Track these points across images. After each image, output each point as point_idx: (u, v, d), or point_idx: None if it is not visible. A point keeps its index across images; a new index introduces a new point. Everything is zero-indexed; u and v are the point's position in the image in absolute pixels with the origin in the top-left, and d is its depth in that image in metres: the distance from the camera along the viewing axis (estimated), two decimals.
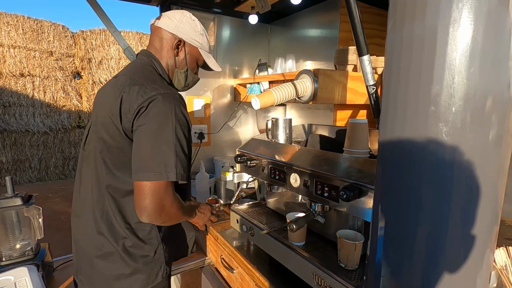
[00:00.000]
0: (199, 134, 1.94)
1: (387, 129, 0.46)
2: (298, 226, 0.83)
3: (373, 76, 0.50)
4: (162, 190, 0.83)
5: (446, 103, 0.40)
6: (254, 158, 1.17)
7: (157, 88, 0.87)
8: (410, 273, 0.48)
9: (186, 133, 0.90)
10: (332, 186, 0.83)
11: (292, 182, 0.98)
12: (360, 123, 0.94)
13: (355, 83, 1.45)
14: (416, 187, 0.44)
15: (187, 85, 1.11)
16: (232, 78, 2.06)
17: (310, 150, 1.00)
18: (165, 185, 0.83)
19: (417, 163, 0.44)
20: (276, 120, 1.26)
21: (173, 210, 0.88)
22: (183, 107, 0.91)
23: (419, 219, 0.45)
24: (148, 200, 0.82)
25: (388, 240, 0.50)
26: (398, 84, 0.44)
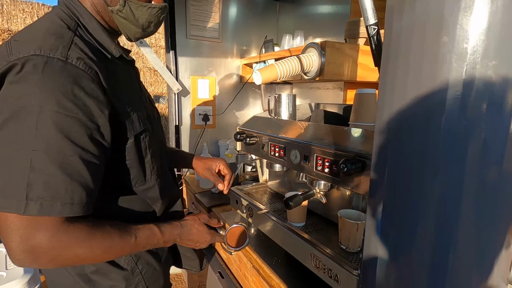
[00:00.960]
0: (203, 116, 1.89)
1: (388, 78, 0.38)
2: (295, 204, 0.76)
3: (374, 14, 0.42)
4: (19, 227, 0.49)
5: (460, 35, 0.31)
6: (254, 135, 1.10)
7: (26, 47, 0.51)
8: (412, 256, 0.41)
9: (75, 122, 0.51)
10: (333, 161, 0.75)
11: (292, 159, 0.91)
12: (368, 93, 0.85)
13: (367, 58, 1.34)
14: (423, 149, 0.37)
15: (143, 25, 0.67)
16: (239, 57, 1.98)
17: (312, 125, 0.92)
18: (22, 220, 0.49)
19: (424, 118, 0.36)
20: (278, 96, 1.18)
21: (62, 253, 0.53)
22: (78, 82, 0.52)
23: (425, 189, 0.38)
24: (5, 237, 0.49)
25: (387, 218, 0.43)
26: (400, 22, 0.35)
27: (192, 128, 1.88)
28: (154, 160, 0.72)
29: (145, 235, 0.65)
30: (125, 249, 0.62)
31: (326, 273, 0.74)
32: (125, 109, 0.63)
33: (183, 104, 1.83)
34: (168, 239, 0.71)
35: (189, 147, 1.90)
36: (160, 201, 0.76)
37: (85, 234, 0.55)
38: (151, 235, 0.67)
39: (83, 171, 0.53)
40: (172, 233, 0.72)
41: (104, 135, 0.57)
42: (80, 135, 0.52)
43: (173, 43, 1.72)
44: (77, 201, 0.52)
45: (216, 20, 1.84)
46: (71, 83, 0.51)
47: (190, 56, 1.80)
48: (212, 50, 1.88)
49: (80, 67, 0.53)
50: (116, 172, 0.65)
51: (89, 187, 0.54)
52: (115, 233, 0.59)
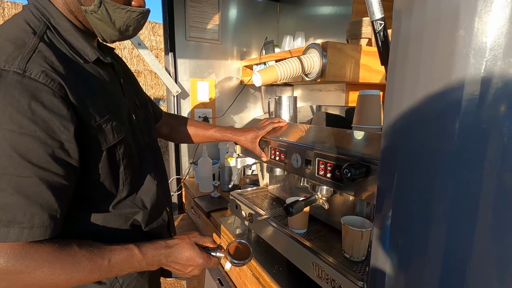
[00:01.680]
0: (203, 119, 1.86)
1: (396, 76, 0.35)
2: (296, 210, 0.73)
3: (380, 8, 0.39)
4: None
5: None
6: None
7: None
8: (424, 268, 0.37)
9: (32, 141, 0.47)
10: (336, 165, 0.72)
11: (293, 163, 0.87)
12: (371, 95, 0.82)
13: (370, 59, 1.31)
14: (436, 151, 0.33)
15: (120, 28, 0.62)
16: (239, 59, 1.96)
17: (313, 127, 0.89)
18: None
19: (437, 119, 0.33)
20: (279, 98, 1.15)
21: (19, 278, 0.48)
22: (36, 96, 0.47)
23: (438, 195, 0.34)
24: None
25: (396, 226, 0.40)
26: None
27: None
28: (129, 171, 0.66)
29: (121, 257, 0.57)
30: (94, 273, 0.54)
31: (329, 283, 0.71)
32: (97, 121, 0.57)
33: (183, 106, 1.81)
34: (151, 261, 0.61)
35: (188, 151, 1.88)
36: (140, 213, 0.69)
37: (47, 257, 0.49)
38: (129, 256, 0.57)
39: (44, 192, 0.48)
40: (155, 254, 0.61)
41: (70, 151, 0.52)
42: (38, 154, 0.48)
43: (172, 45, 1.70)
44: (37, 224, 0.48)
45: (215, 22, 1.82)
46: (27, 98, 0.46)
47: (189, 58, 1.78)
48: (212, 52, 1.85)
49: (40, 80, 0.48)
50: (87, 187, 0.60)
51: (52, 208, 0.50)
52: (83, 256, 0.53)
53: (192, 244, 0.66)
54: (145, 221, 0.70)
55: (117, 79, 0.70)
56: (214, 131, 1.03)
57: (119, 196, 0.65)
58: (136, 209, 0.68)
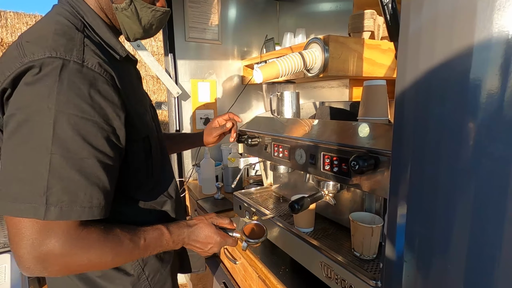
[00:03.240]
0: (205, 120, 1.84)
1: (409, 51, 0.32)
2: (302, 207, 0.70)
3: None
4: (30, 234, 0.46)
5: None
6: (256, 136, 1.04)
7: (39, 48, 0.49)
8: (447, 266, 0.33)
9: (94, 128, 0.50)
10: (342, 159, 0.69)
11: (298, 159, 0.84)
12: (377, 85, 0.78)
13: (373, 52, 1.28)
14: (459, 127, 0.30)
15: (145, 26, 0.66)
16: (240, 59, 1.94)
17: (317, 122, 0.85)
18: (34, 226, 0.47)
19: (459, 86, 0.29)
20: (281, 94, 1.12)
21: (74, 260, 0.50)
22: (94, 85, 0.51)
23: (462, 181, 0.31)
24: (16, 243, 0.47)
25: (413, 219, 0.36)
26: None
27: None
28: (157, 162, 0.70)
29: (154, 236, 0.61)
30: (134, 252, 0.58)
31: (339, 283, 0.67)
32: (136, 112, 0.61)
33: (184, 108, 1.78)
34: (177, 240, 0.65)
35: (190, 153, 1.85)
36: (168, 202, 0.72)
37: (97, 238, 0.52)
38: (159, 235, 0.62)
39: (101, 173, 0.51)
40: (180, 233, 0.66)
41: (120, 138, 0.56)
42: (97, 137, 0.51)
43: (172, 46, 1.68)
44: (95, 204, 0.50)
45: (215, 22, 1.80)
46: (87, 86, 0.50)
47: (189, 59, 1.76)
48: (212, 52, 1.83)
49: (96, 70, 0.52)
50: (123, 177, 0.61)
51: (106, 189, 0.52)
52: (125, 237, 0.56)
53: (209, 224, 0.71)
54: (174, 209, 0.73)
55: (138, 77, 0.74)
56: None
57: (150, 185, 0.68)
58: (165, 198, 0.72)
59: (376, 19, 1.28)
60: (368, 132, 0.67)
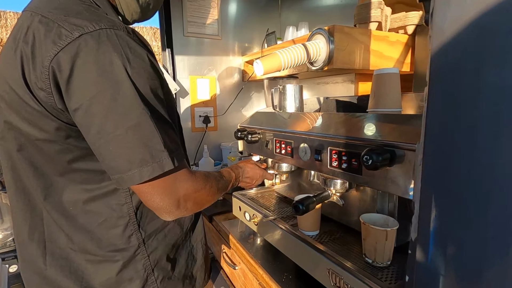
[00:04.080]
0: (204, 118, 1.77)
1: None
2: (307, 208, 0.62)
3: None
4: (166, 185, 0.53)
5: None
6: (256, 132, 0.97)
7: (80, 23, 0.47)
8: (491, 278, 0.26)
9: (157, 82, 0.53)
10: (352, 154, 0.61)
11: (301, 155, 0.77)
12: (389, 73, 0.71)
13: (380, 44, 1.21)
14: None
15: (144, 8, 0.65)
16: (240, 55, 1.87)
17: (324, 115, 0.78)
18: (167, 178, 0.52)
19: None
20: (283, 88, 1.05)
21: (200, 194, 0.59)
22: (140, 45, 0.52)
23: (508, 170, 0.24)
24: (158, 198, 0.53)
25: (444, 222, 0.29)
26: None
27: (192, 131, 1.76)
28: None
29: (226, 173, 0.77)
30: (224, 185, 0.73)
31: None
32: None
33: (182, 105, 1.72)
34: (236, 176, 0.82)
35: (189, 152, 1.78)
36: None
37: (204, 176, 0.63)
38: (228, 173, 0.78)
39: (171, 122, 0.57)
40: (236, 171, 0.83)
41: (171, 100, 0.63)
42: (162, 96, 0.55)
43: (169, 41, 1.62)
44: (182, 155, 0.56)
45: (214, 16, 1.74)
46: (145, 50, 0.53)
47: (188, 55, 1.70)
48: (212, 47, 1.77)
49: (132, 37, 0.52)
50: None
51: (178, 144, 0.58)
52: (213, 176, 0.68)
53: (252, 163, 0.92)
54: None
55: None
56: None
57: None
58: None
59: (383, 9, 1.21)
60: (373, 130, 0.60)
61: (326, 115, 0.76)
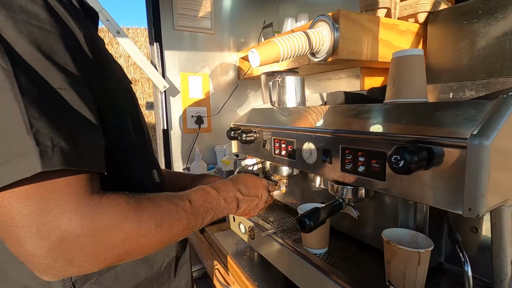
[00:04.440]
0: (197, 118, 1.64)
1: None
2: (315, 223, 0.49)
3: None
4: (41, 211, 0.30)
5: None
6: (251, 130, 0.83)
7: None
8: None
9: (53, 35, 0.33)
10: (372, 153, 0.48)
11: (306, 157, 0.64)
12: (413, 55, 0.58)
13: (390, 33, 1.09)
14: None
15: None
16: (235, 51, 1.74)
17: (331, 108, 0.65)
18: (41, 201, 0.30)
19: None
20: (282, 80, 0.92)
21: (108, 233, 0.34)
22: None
23: None
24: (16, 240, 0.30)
25: None
26: None
27: (184, 133, 1.63)
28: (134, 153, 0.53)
29: (199, 196, 0.48)
30: (182, 217, 0.42)
31: None
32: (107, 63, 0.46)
33: (173, 105, 1.59)
34: (227, 196, 0.54)
35: (181, 155, 1.65)
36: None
37: (126, 202, 0.36)
38: (205, 193, 0.49)
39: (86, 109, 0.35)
40: (226, 187, 0.55)
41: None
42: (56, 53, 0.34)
43: (158, 34, 1.49)
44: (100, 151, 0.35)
45: (207, 9, 1.62)
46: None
47: (178, 50, 1.57)
48: (204, 42, 1.64)
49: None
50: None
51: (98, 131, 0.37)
52: (161, 199, 0.41)
53: (248, 173, 0.65)
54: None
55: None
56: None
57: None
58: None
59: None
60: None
61: (336, 108, 0.63)
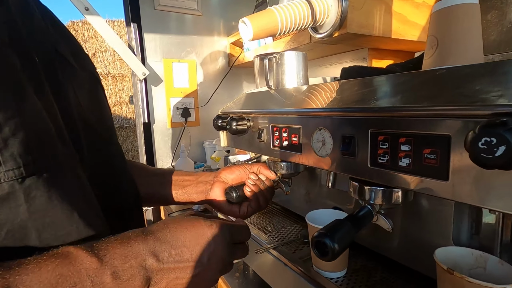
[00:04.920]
0: (183, 110, 1.46)
1: None
2: (341, 245, 0.32)
3: None
4: None
5: None
6: (244, 117, 0.67)
7: None
8: None
9: None
10: (426, 138, 0.32)
11: (316, 148, 0.47)
12: (466, 3, 0.42)
13: (404, 6, 0.93)
14: None
15: None
16: (225, 35, 1.57)
17: (352, 82, 0.49)
18: None
19: None
20: (280, 57, 0.75)
21: None
22: None
23: None
24: None
25: None
26: None
27: (168, 127, 1.45)
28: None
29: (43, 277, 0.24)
30: None
31: None
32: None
33: (155, 95, 1.40)
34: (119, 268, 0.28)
35: (166, 152, 1.47)
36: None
37: None
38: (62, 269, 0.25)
39: None
40: (127, 248, 0.29)
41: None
42: None
43: (136, 14, 1.30)
44: None
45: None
46: None
47: (160, 33, 1.39)
48: (191, 25, 1.46)
49: None
50: None
51: None
52: None
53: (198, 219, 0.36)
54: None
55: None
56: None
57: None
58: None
59: None
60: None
61: (360, 81, 0.47)
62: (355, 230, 0.35)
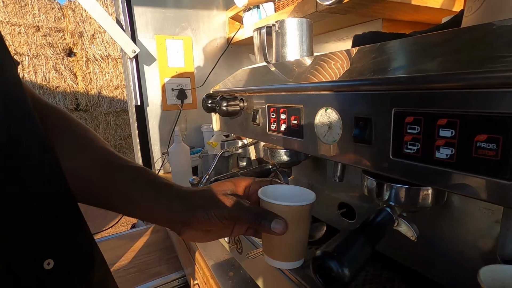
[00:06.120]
0: (178, 92, 1.36)
1: None
2: (352, 271, 0.23)
3: None
4: None
5: None
6: (236, 97, 0.56)
7: None
8: None
9: None
10: (478, 120, 0.22)
11: (321, 133, 0.37)
12: None
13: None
14: None
15: None
16: (224, 9, 1.44)
17: (368, 48, 0.38)
18: None
19: None
20: (280, 24, 0.64)
21: None
22: None
23: None
24: None
25: None
26: None
27: (163, 110, 1.36)
28: None
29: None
30: None
31: None
32: None
33: (148, 75, 1.30)
34: None
35: (161, 137, 1.38)
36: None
37: None
38: None
39: None
40: None
41: None
42: None
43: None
44: None
45: None
46: None
47: (152, 6, 1.26)
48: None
49: None
50: None
51: None
52: None
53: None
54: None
55: None
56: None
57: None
58: None
59: None
60: None
61: (377, 46, 0.36)
62: (370, 246, 0.26)
